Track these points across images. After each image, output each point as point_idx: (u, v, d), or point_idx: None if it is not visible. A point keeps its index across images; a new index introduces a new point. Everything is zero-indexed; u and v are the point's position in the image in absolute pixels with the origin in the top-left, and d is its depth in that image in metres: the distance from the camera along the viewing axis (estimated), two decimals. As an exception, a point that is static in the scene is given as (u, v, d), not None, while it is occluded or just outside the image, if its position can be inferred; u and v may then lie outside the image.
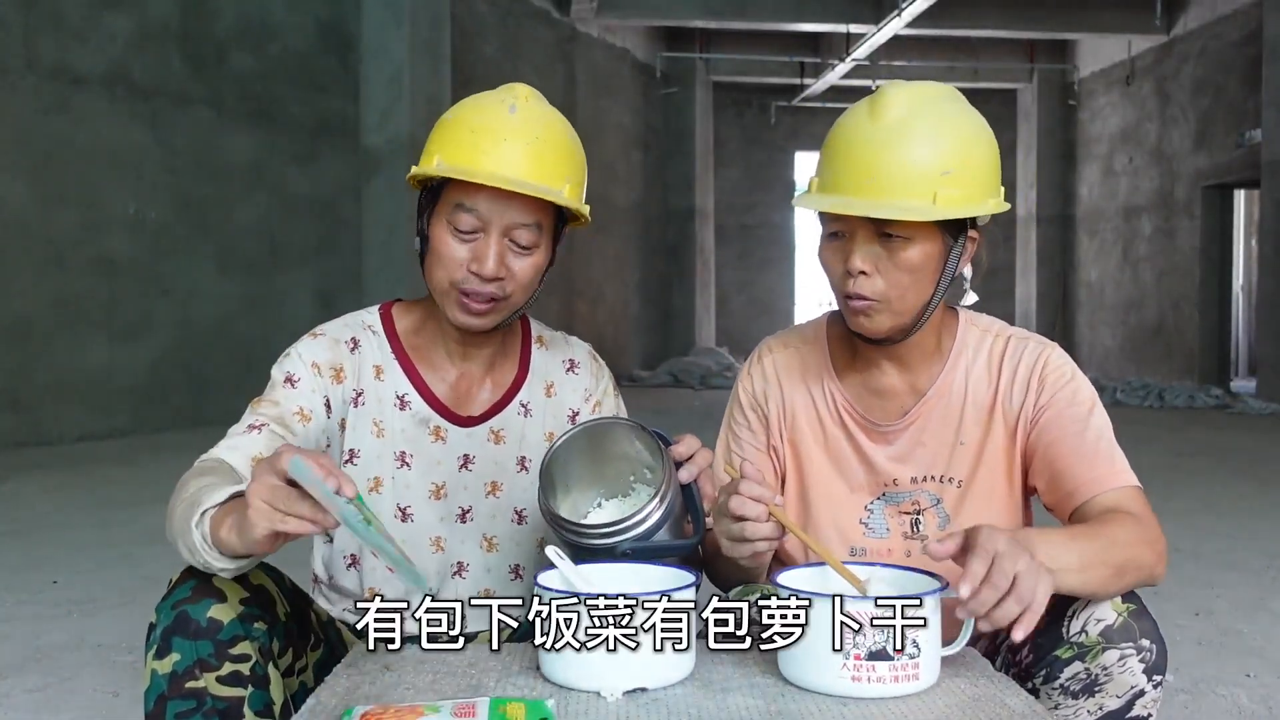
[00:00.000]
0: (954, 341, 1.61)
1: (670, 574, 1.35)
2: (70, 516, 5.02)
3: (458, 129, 1.53)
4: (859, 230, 1.48)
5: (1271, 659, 3.08)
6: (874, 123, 1.46)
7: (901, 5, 12.70)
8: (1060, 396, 1.56)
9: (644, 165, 16.31)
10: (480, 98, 1.58)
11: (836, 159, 1.49)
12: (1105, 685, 1.33)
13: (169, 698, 1.29)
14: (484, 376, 1.67)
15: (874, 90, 1.52)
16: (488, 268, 1.51)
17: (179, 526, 1.29)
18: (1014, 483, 1.60)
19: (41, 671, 2.91)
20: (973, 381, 1.60)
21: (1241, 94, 12.65)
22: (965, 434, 1.59)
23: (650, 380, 14.52)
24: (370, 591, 1.61)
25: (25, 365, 7.31)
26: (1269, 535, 4.82)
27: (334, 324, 1.64)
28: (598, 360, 1.78)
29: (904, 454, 1.60)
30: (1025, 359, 1.59)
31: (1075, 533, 1.38)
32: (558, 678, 1.24)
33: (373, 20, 9.58)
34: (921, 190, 1.43)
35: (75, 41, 7.60)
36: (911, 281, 1.48)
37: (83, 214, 7.64)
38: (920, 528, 1.60)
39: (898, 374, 1.61)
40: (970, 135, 1.48)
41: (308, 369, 1.56)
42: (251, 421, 1.50)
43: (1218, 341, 13.63)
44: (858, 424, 1.62)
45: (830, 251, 1.53)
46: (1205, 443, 8.45)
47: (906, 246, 1.47)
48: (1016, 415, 1.58)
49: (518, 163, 1.50)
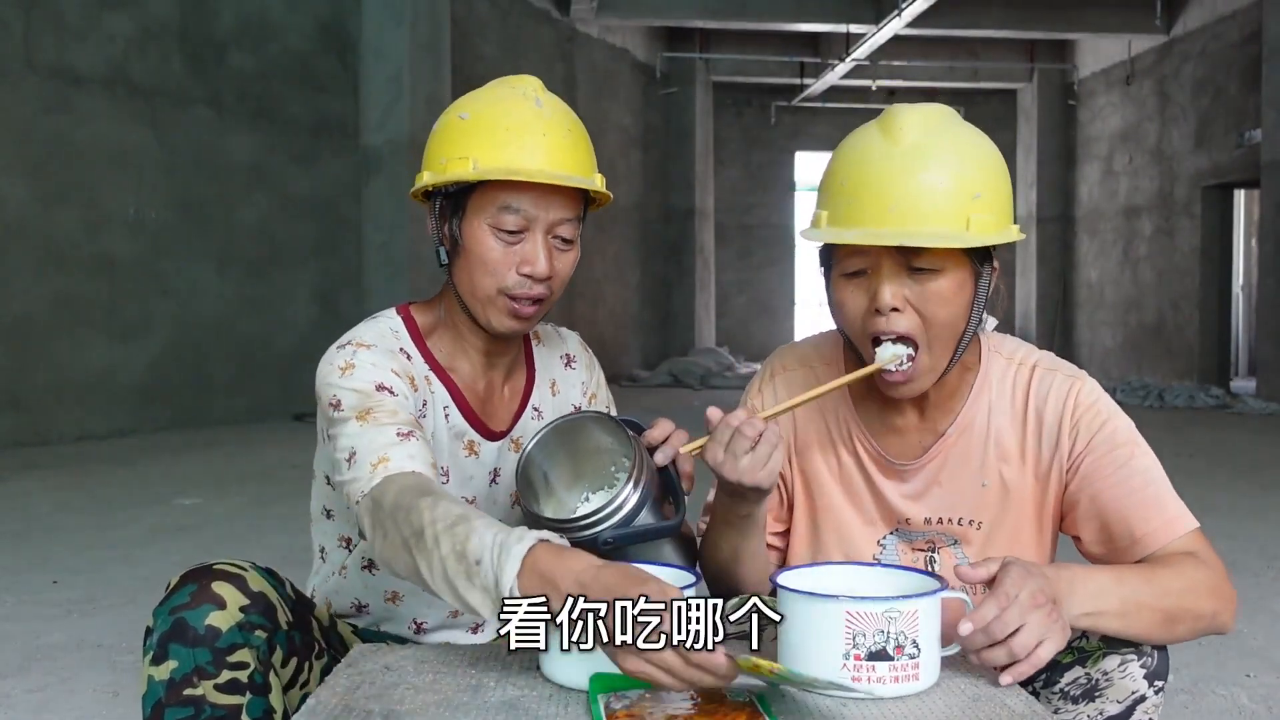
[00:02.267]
0: (976, 376, 1.51)
1: (670, 574, 1.35)
2: (70, 516, 5.01)
3: (489, 129, 1.47)
4: (885, 263, 1.36)
5: (1271, 659, 3.08)
6: (892, 147, 1.36)
7: (901, 5, 12.70)
8: (1099, 441, 1.45)
9: (644, 165, 16.31)
10: (492, 94, 1.53)
11: (850, 187, 1.37)
12: (1106, 690, 1.32)
13: (166, 705, 1.27)
14: (503, 385, 1.64)
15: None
16: (540, 268, 1.49)
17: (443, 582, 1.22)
18: (1044, 530, 1.50)
19: (41, 671, 2.91)
20: (995, 419, 1.49)
21: (1241, 94, 12.65)
22: (988, 475, 1.49)
23: (650, 380, 14.52)
24: (393, 594, 1.60)
25: (25, 365, 7.31)
26: (1269, 536, 4.81)
27: (367, 333, 1.53)
28: (588, 350, 1.79)
29: (919, 493, 1.51)
30: (1053, 398, 1.47)
31: (1124, 575, 1.31)
32: (558, 678, 1.24)
33: (373, 20, 9.57)
34: (953, 217, 1.34)
35: (75, 41, 7.60)
36: (946, 315, 1.38)
37: (83, 214, 7.64)
38: (936, 565, 1.52)
39: (917, 412, 1.51)
40: (991, 157, 1.40)
41: (394, 377, 1.46)
42: (399, 429, 1.39)
43: (1218, 341, 13.63)
44: (872, 459, 1.53)
45: (851, 290, 1.40)
46: (1205, 443, 8.45)
47: (937, 278, 1.36)
48: (1050, 462, 1.48)
49: (560, 157, 1.47)
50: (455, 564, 1.21)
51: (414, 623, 1.62)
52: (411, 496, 1.30)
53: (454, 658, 1.36)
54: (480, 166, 1.46)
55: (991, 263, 1.43)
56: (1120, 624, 1.28)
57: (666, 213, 17.05)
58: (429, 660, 1.34)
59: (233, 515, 4.89)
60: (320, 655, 1.45)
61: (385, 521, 1.31)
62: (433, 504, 1.27)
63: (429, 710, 1.17)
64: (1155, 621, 1.30)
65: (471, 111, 1.50)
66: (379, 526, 1.32)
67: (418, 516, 1.27)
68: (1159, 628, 1.31)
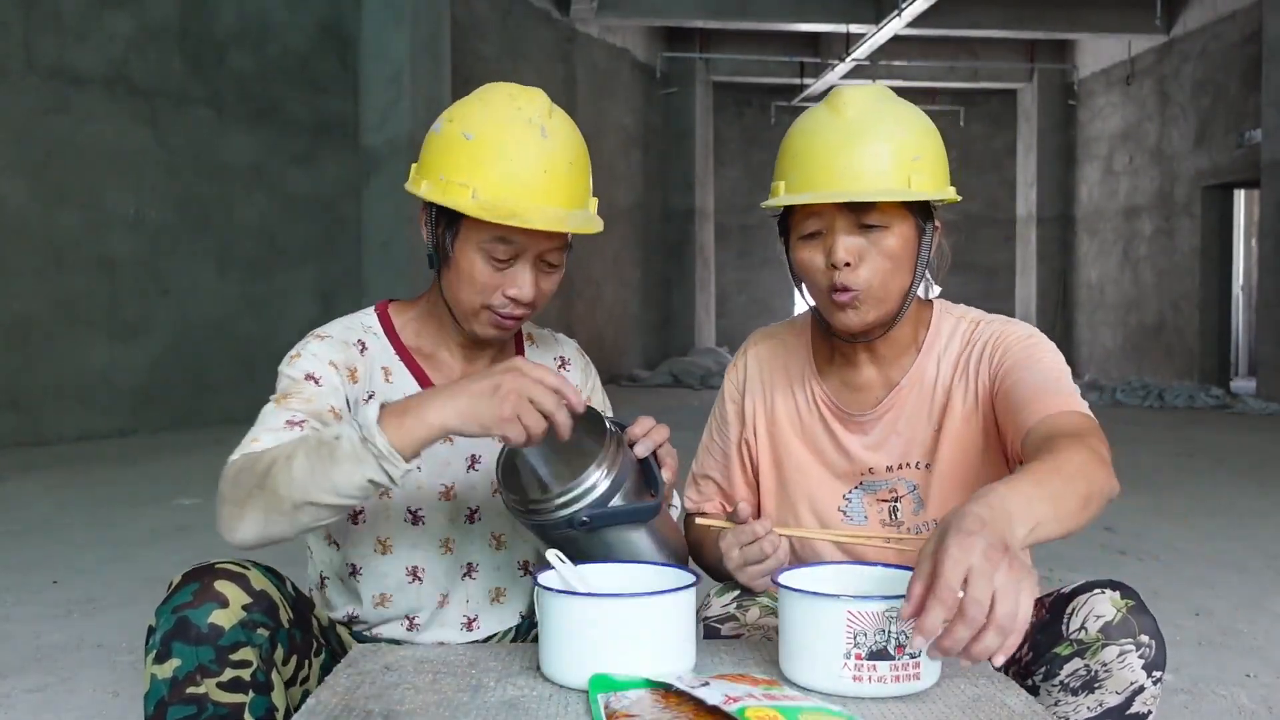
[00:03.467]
0: (928, 331, 1.64)
1: (670, 574, 1.35)
2: (70, 516, 5.02)
3: (492, 158, 1.46)
4: (838, 222, 1.51)
5: (1271, 659, 3.08)
6: (838, 119, 1.52)
7: (901, 5, 12.70)
8: (1016, 349, 1.56)
9: (644, 165, 16.31)
10: (498, 113, 1.49)
11: (804, 158, 1.53)
12: (1105, 681, 1.33)
13: (169, 703, 1.28)
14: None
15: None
16: (527, 294, 1.51)
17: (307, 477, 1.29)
18: (990, 459, 1.58)
19: (41, 671, 2.91)
20: (944, 367, 1.62)
21: (1241, 94, 12.65)
22: (938, 419, 1.61)
23: (650, 380, 14.52)
24: (381, 597, 1.61)
25: (25, 365, 7.31)
26: (1269, 535, 4.82)
27: (334, 326, 1.61)
28: (584, 356, 1.80)
29: (879, 442, 1.63)
30: (987, 334, 1.61)
31: (1037, 474, 1.24)
32: (557, 677, 1.24)
33: (373, 20, 9.57)
34: (896, 177, 1.49)
35: (75, 41, 7.60)
36: (894, 268, 1.52)
37: (83, 214, 7.65)
38: (898, 514, 1.62)
39: (875, 368, 1.64)
40: (925, 125, 1.55)
41: (328, 368, 1.52)
42: (289, 417, 1.43)
43: (1218, 341, 13.63)
44: (835, 415, 1.65)
45: (809, 250, 1.55)
46: (1205, 443, 8.45)
47: (886, 234, 1.51)
48: (977, 386, 1.59)
49: (559, 194, 1.48)
50: (315, 453, 1.29)
51: (407, 619, 1.62)
52: (257, 457, 1.35)
53: (454, 658, 1.36)
54: (481, 198, 1.46)
55: (933, 221, 1.58)
56: (1056, 527, 1.20)
57: (666, 213, 17.05)
58: (429, 660, 1.34)
59: (233, 515, 4.88)
60: (319, 652, 1.46)
61: (225, 487, 1.36)
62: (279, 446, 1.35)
63: (429, 710, 1.17)
64: (1076, 509, 1.24)
65: (476, 131, 1.48)
66: (220, 495, 1.37)
67: (267, 457, 1.33)
68: (1079, 513, 1.24)
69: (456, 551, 1.62)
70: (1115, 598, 1.36)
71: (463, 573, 1.63)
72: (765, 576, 1.50)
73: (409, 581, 1.60)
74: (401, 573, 1.60)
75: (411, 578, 1.60)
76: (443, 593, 1.61)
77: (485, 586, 1.64)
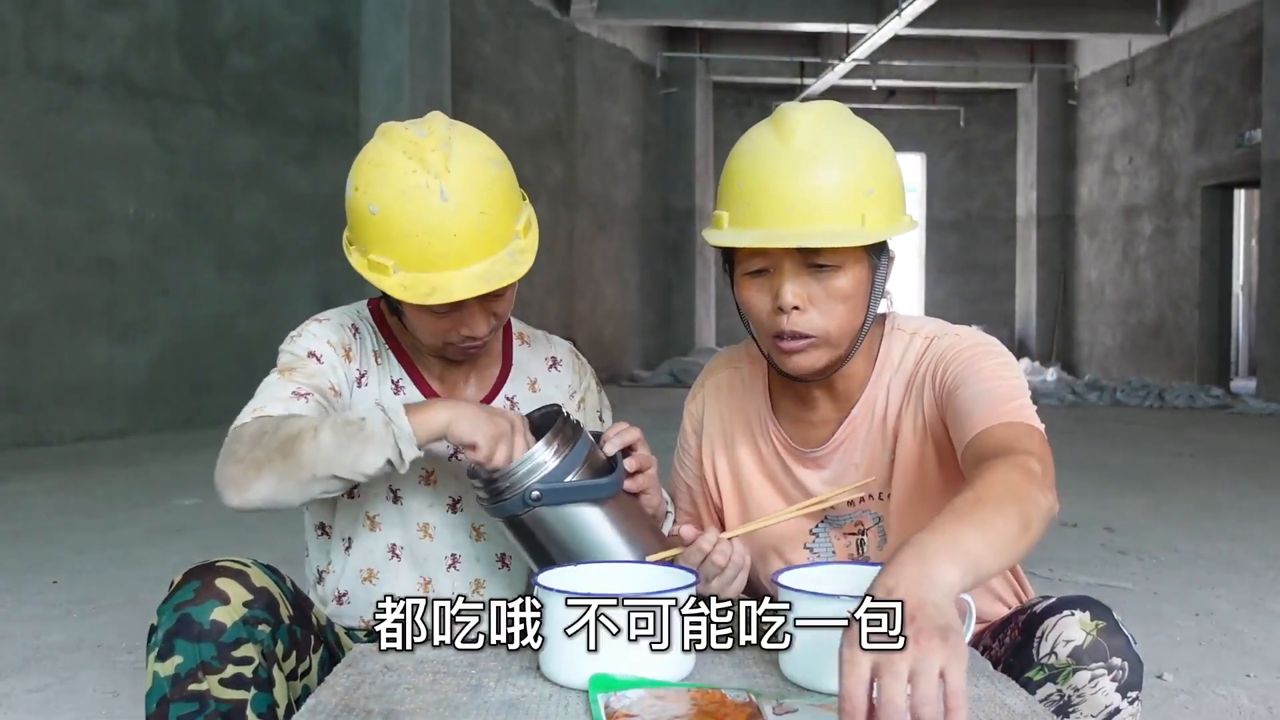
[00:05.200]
0: (878, 357, 1.54)
1: (670, 574, 1.35)
2: (70, 516, 5.02)
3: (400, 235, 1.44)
4: (785, 263, 1.40)
5: (1271, 659, 3.08)
6: (784, 146, 1.39)
7: (901, 5, 12.70)
8: (958, 362, 1.46)
9: (644, 165, 16.31)
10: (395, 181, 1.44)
11: (749, 190, 1.40)
12: (1079, 706, 1.30)
13: (171, 700, 1.28)
14: (469, 373, 1.69)
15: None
16: (480, 331, 1.54)
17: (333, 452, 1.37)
18: (950, 484, 1.47)
19: (41, 671, 2.91)
20: (894, 392, 1.53)
21: (1241, 94, 12.65)
22: (893, 450, 1.53)
23: (650, 380, 14.51)
24: (362, 620, 1.64)
25: (25, 365, 7.31)
26: (1269, 536, 4.81)
27: (331, 312, 1.68)
28: (579, 357, 1.81)
29: (837, 477, 1.55)
30: (935, 350, 1.50)
31: (961, 508, 1.14)
32: (557, 678, 1.24)
33: (373, 20, 9.58)
34: (848, 214, 1.38)
35: (75, 41, 7.60)
36: (847, 310, 1.43)
37: (83, 214, 7.64)
38: (864, 548, 1.57)
39: (829, 401, 1.56)
40: (880, 151, 1.43)
41: (326, 347, 1.58)
42: (295, 389, 1.49)
43: (1218, 341, 13.63)
44: (789, 453, 1.59)
45: (754, 290, 1.44)
46: (1205, 443, 8.45)
47: (837, 275, 1.41)
48: (924, 407, 1.50)
49: (475, 249, 1.46)
50: (343, 430, 1.38)
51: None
52: (279, 421, 1.42)
53: (454, 658, 1.36)
54: (401, 275, 1.46)
55: (888, 253, 1.48)
56: (994, 560, 1.11)
57: (666, 213, 17.05)
58: (429, 660, 1.34)
59: (233, 515, 4.87)
60: (319, 648, 1.47)
61: (239, 448, 1.40)
62: (302, 417, 1.42)
63: (429, 710, 1.17)
64: (1013, 535, 1.15)
65: (379, 205, 1.45)
66: (231, 454, 1.40)
67: (292, 425, 1.40)
68: (1018, 539, 1.15)
69: (436, 539, 1.64)
70: (1085, 619, 1.32)
71: (447, 565, 1.65)
72: (736, 581, 1.46)
73: (389, 559, 1.63)
74: (383, 550, 1.63)
75: (390, 555, 1.63)
76: (424, 577, 1.64)
77: (467, 578, 1.66)
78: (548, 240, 8.78)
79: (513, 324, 1.76)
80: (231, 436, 1.43)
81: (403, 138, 1.47)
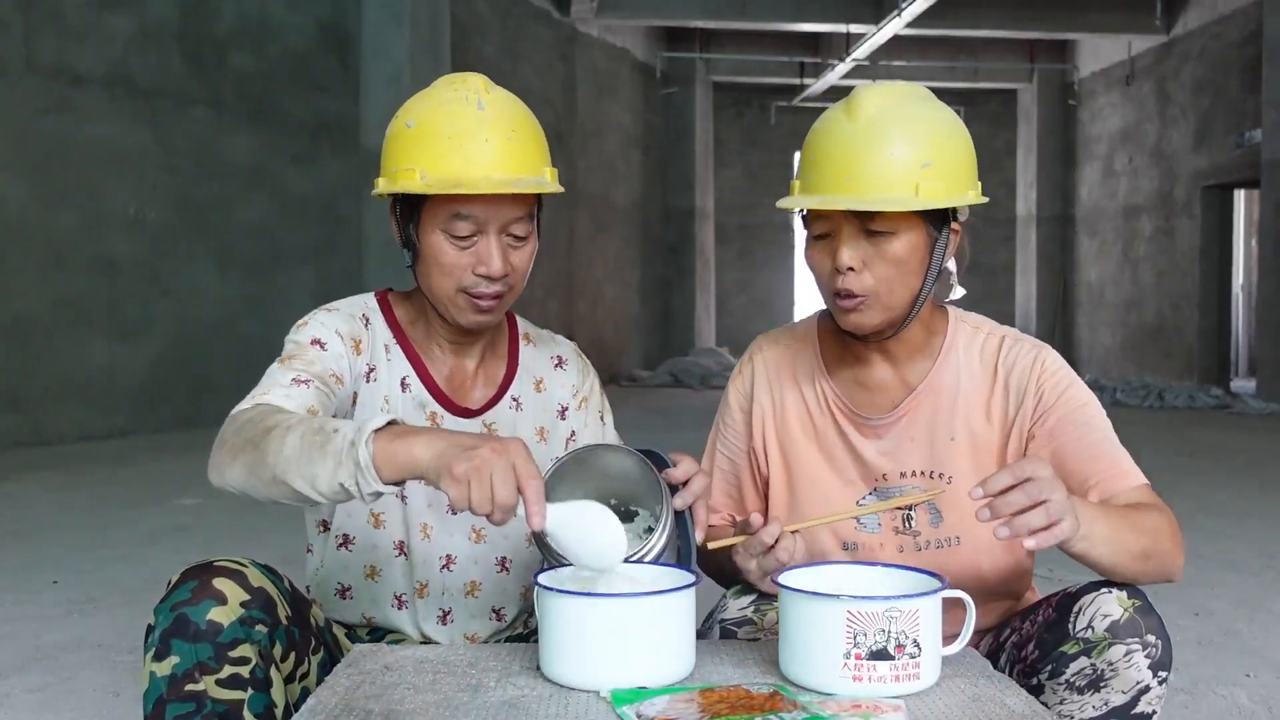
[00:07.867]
0: (944, 339, 1.63)
1: (670, 573, 1.35)
2: (70, 516, 5.01)
3: (432, 138, 1.51)
4: (844, 227, 1.51)
5: (1271, 659, 3.08)
6: (851, 123, 1.50)
7: (901, 5, 12.70)
8: (1062, 402, 1.57)
9: (644, 165, 16.31)
10: (437, 97, 1.55)
11: (817, 161, 1.52)
12: (1111, 680, 1.33)
13: (168, 700, 1.28)
14: (475, 371, 1.68)
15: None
16: (495, 267, 1.53)
17: (295, 457, 1.28)
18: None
19: (41, 671, 2.91)
20: (965, 379, 1.61)
21: (1241, 94, 12.65)
22: (956, 430, 1.60)
23: (650, 380, 14.52)
24: (396, 597, 1.64)
25: (25, 365, 7.31)
26: (1269, 536, 4.82)
27: (340, 302, 1.66)
28: (583, 358, 1.81)
29: (893, 449, 1.61)
30: (1021, 362, 1.60)
31: (1107, 508, 1.41)
32: (557, 677, 1.24)
33: (373, 20, 9.57)
34: (903, 184, 1.47)
35: (75, 41, 7.60)
36: (899, 274, 1.51)
37: (83, 214, 7.64)
38: (912, 523, 1.60)
39: (888, 369, 1.63)
40: (945, 129, 1.51)
41: (333, 336, 1.57)
42: (295, 375, 1.48)
43: (1218, 341, 13.64)
44: (848, 418, 1.64)
45: (818, 252, 1.55)
46: (1205, 443, 8.45)
47: (892, 240, 1.50)
48: (1013, 419, 1.59)
49: (504, 161, 1.51)
50: (311, 437, 1.28)
51: (394, 597, 1.64)
52: (267, 411, 1.38)
53: (454, 658, 1.36)
54: (427, 177, 1.50)
55: (949, 225, 1.55)
56: (1107, 550, 1.35)
57: (666, 213, 17.05)
58: (429, 660, 1.34)
59: (232, 515, 4.88)
60: (318, 650, 1.46)
61: (229, 434, 1.37)
62: (288, 414, 1.37)
63: (429, 710, 1.17)
64: (1133, 555, 1.38)
65: (416, 118, 1.53)
66: (223, 441, 1.38)
67: (273, 419, 1.35)
68: (1135, 561, 1.39)
69: (433, 540, 1.64)
70: (1122, 597, 1.37)
71: (441, 565, 1.64)
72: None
73: (394, 555, 1.63)
74: (388, 546, 1.63)
75: (398, 552, 1.63)
76: (421, 580, 1.63)
77: (462, 579, 1.66)
78: (548, 240, 8.78)
79: (519, 323, 1.76)
80: (227, 420, 1.42)
81: (451, 76, 1.59)
